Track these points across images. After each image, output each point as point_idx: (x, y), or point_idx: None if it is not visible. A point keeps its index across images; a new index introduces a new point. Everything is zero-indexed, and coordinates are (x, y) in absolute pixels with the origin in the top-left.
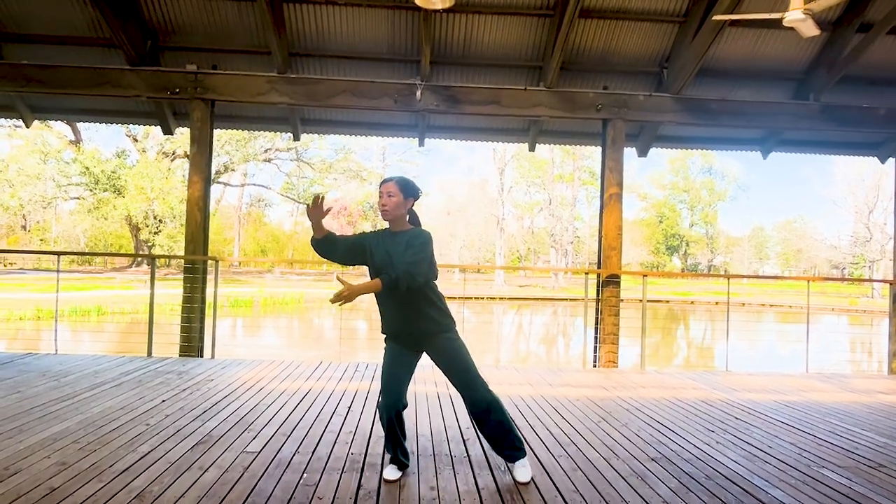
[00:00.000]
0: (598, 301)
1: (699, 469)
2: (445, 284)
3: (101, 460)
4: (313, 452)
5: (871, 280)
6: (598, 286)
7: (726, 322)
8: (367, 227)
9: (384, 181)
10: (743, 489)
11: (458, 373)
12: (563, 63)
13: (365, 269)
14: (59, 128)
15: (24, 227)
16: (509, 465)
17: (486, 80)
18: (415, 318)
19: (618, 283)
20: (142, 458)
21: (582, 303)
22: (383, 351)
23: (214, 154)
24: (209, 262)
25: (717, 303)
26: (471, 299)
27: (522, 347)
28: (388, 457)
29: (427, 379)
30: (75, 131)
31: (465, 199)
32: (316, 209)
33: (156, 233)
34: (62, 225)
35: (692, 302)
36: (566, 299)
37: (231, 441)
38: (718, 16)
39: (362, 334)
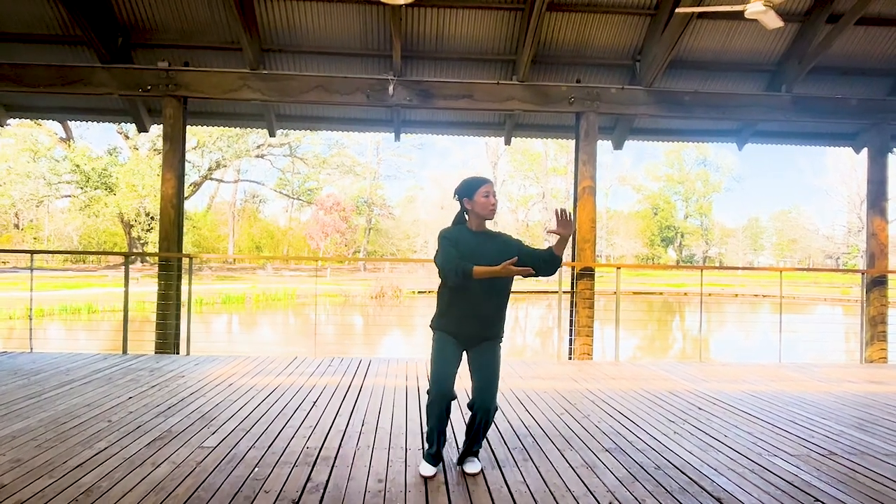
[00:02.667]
0: (572, 294)
1: (650, 459)
2: (427, 278)
3: (55, 457)
4: (269, 447)
5: (843, 270)
6: (572, 279)
7: (699, 314)
8: (360, 222)
9: (487, 181)
10: (690, 478)
11: (488, 377)
12: (535, 56)
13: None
14: (50, 125)
15: (16, 226)
16: (466, 459)
17: (458, 75)
18: (492, 320)
19: (592, 276)
20: (97, 454)
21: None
22: (432, 342)
23: (207, 151)
24: (183, 259)
25: (710, 294)
26: None
27: (507, 339)
28: (426, 448)
29: (391, 373)
30: (66, 129)
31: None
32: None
33: (148, 230)
34: (54, 223)
35: (686, 293)
36: (548, 292)
37: (189, 437)
38: (682, 8)
39: (344, 330)
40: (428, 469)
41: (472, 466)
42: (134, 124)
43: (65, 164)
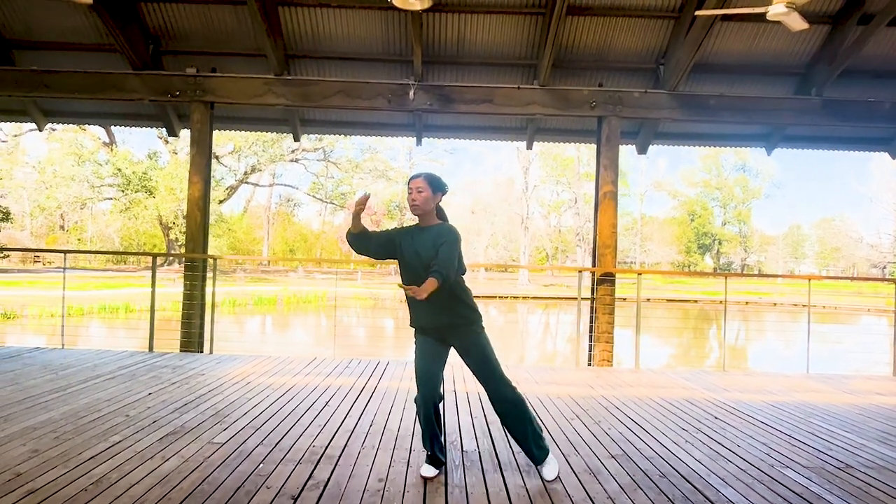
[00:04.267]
0: (592, 300)
1: (656, 467)
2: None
3: (71, 448)
4: (276, 444)
5: (874, 278)
6: (592, 285)
7: (723, 322)
8: (392, 226)
9: (413, 177)
10: (694, 487)
11: (481, 365)
12: (557, 61)
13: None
14: (94, 130)
15: (62, 227)
16: (538, 466)
17: (479, 79)
18: (442, 311)
19: (612, 282)
20: (111, 447)
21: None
22: (414, 345)
23: (243, 155)
24: (208, 260)
25: (747, 303)
26: (493, 298)
27: (529, 346)
28: (422, 452)
29: (407, 376)
30: (109, 134)
31: (491, 198)
32: (360, 205)
33: (185, 232)
34: (97, 225)
35: (721, 302)
36: (570, 298)
37: (201, 433)
38: (702, 11)
39: (368, 332)
40: (428, 470)
41: (546, 471)
42: (164, 128)
43: (107, 168)
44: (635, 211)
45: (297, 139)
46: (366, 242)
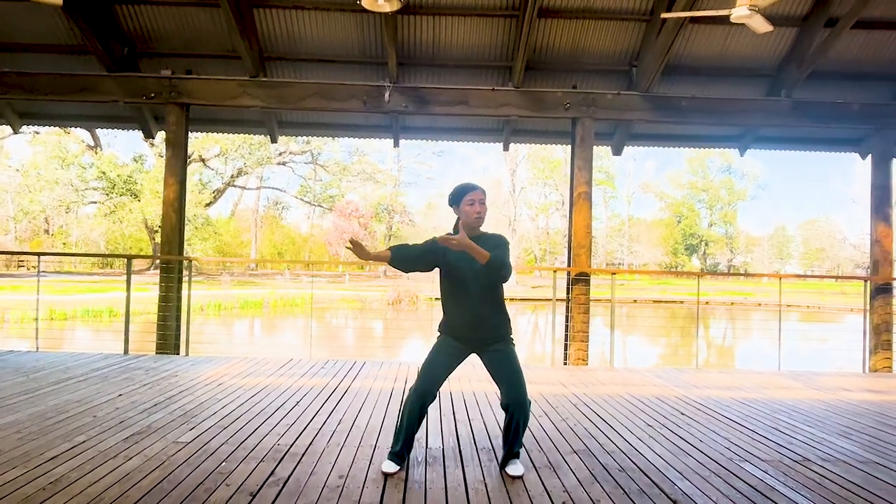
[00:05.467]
0: (567, 300)
1: (617, 461)
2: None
3: (33, 449)
4: (241, 443)
5: (845, 277)
6: (567, 284)
7: (696, 321)
8: (381, 230)
9: (474, 188)
10: (651, 480)
11: (511, 375)
12: (531, 63)
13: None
14: (79, 133)
15: (47, 231)
16: (508, 462)
17: (454, 81)
18: (488, 320)
19: (587, 282)
20: (74, 447)
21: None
22: (435, 342)
23: (230, 158)
24: (184, 262)
25: (732, 303)
26: None
27: (518, 348)
28: (390, 446)
29: (381, 375)
30: (94, 137)
31: None
32: (358, 249)
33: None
34: (82, 229)
35: (707, 303)
36: (544, 299)
37: (167, 433)
38: (667, 14)
39: (348, 333)
40: (390, 466)
41: (514, 469)
42: (141, 131)
43: (92, 171)
44: (623, 213)
45: (274, 141)
46: (409, 262)
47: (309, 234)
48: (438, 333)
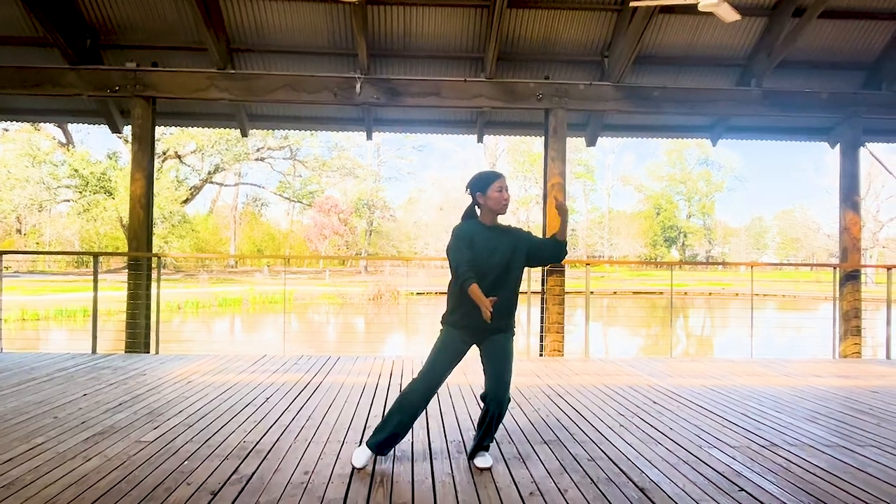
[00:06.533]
0: (542, 291)
1: (587, 451)
2: (426, 280)
3: None
4: (206, 441)
5: (815, 265)
6: (542, 276)
7: (670, 310)
8: (361, 225)
9: (500, 175)
10: (620, 469)
11: (501, 369)
12: (503, 54)
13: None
14: (50, 130)
15: (19, 231)
16: (477, 454)
17: (426, 73)
18: (502, 313)
19: (562, 273)
20: (32, 448)
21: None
22: (438, 337)
23: (206, 154)
24: (153, 259)
25: (710, 293)
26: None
27: None
28: (370, 436)
29: (356, 371)
30: (66, 133)
31: (459, 194)
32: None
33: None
34: (55, 227)
35: (686, 293)
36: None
37: (130, 432)
38: (635, 2)
39: (326, 329)
40: (361, 460)
41: (483, 461)
42: (107, 125)
43: (64, 169)
44: (603, 205)
45: (244, 135)
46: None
47: (289, 231)
48: (443, 326)
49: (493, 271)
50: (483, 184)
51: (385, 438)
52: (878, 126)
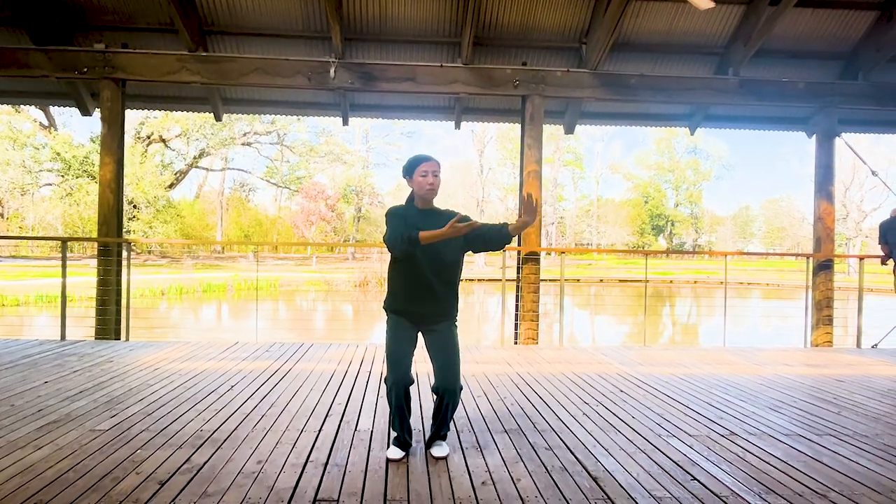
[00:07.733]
0: (518, 279)
1: (546, 440)
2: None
3: None
4: (162, 430)
5: (789, 254)
6: (517, 264)
7: (644, 300)
8: (349, 212)
9: (428, 159)
10: (576, 458)
11: (447, 358)
12: (480, 39)
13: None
14: (32, 112)
15: (1, 215)
16: (434, 443)
17: (403, 57)
18: (441, 297)
19: (537, 261)
20: None
21: (551, 283)
22: (386, 326)
23: (192, 139)
24: (122, 244)
25: (695, 281)
26: None
27: (488, 329)
28: (392, 435)
29: (326, 358)
30: (48, 116)
31: (447, 181)
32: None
33: (131, 219)
34: (38, 212)
35: (671, 281)
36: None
37: (86, 420)
38: None
39: (305, 316)
40: (395, 453)
41: (439, 450)
42: (77, 108)
43: (46, 152)
44: (591, 194)
45: (218, 119)
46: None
47: (276, 217)
48: (387, 312)
49: (426, 255)
50: (409, 168)
51: (400, 433)
52: (855, 116)
